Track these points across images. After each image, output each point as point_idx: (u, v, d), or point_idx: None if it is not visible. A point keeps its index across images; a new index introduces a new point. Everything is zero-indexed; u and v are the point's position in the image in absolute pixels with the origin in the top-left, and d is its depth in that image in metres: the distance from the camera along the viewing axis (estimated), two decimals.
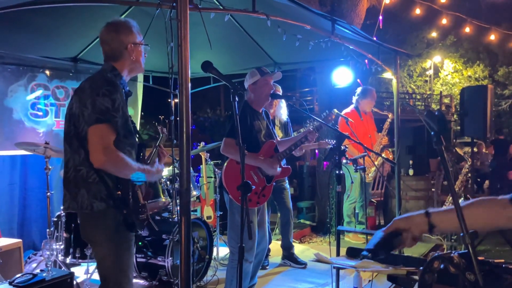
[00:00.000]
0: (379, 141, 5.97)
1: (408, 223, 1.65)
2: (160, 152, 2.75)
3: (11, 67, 5.05)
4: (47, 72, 5.38)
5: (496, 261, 1.42)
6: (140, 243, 4.21)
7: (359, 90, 6.06)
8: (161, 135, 3.19)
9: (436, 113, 1.49)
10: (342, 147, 3.50)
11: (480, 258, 1.37)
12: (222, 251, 5.17)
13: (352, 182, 5.94)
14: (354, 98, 6.08)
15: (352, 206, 6.10)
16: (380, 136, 6.00)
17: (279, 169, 3.65)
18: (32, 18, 4.14)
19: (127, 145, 2.39)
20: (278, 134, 4.95)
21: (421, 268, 1.47)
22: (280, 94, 4.90)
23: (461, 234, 1.32)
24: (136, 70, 2.60)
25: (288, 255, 5.09)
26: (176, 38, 2.50)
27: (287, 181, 5.08)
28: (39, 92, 5.30)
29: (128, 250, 2.41)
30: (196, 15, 2.77)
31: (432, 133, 1.43)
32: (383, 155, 5.72)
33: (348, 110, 6.02)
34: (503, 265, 1.38)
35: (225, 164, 3.58)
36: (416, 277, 1.58)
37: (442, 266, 1.40)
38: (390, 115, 6.02)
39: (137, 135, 2.64)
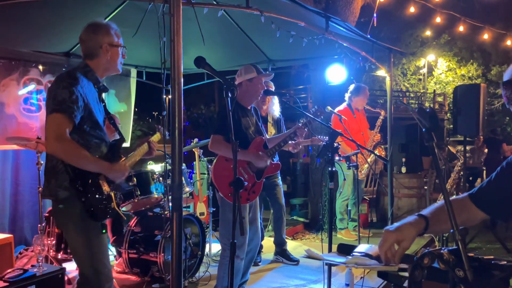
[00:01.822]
0: (372, 138, 5.99)
1: (401, 235, 1.66)
2: (152, 145, 2.85)
3: (3, 61, 5.01)
4: (40, 66, 5.34)
5: (486, 257, 1.43)
6: (131, 237, 4.20)
7: (351, 87, 6.07)
8: (156, 132, 3.19)
9: (428, 110, 1.50)
10: (335, 144, 3.50)
11: (470, 254, 1.38)
12: (214, 247, 5.17)
13: (344, 179, 5.96)
14: (347, 96, 6.09)
15: (345, 203, 6.12)
16: (373, 133, 6.02)
17: (268, 162, 3.66)
18: (25, 13, 4.11)
19: (94, 137, 2.50)
20: (271, 130, 4.95)
21: (411, 264, 1.48)
22: (273, 90, 4.91)
23: (451, 230, 1.32)
24: (111, 70, 2.69)
25: (281, 252, 5.09)
26: (169, 33, 2.49)
27: (279, 177, 5.08)
28: (31, 87, 5.26)
29: (97, 236, 2.49)
30: (189, 10, 2.76)
31: (424, 130, 1.43)
32: (376, 152, 5.74)
33: (341, 107, 6.03)
34: (493, 261, 1.39)
35: (214, 161, 3.58)
36: (407, 274, 1.59)
37: (432, 262, 1.41)
38: (382, 113, 6.04)
39: (117, 131, 2.79)
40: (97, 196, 2.45)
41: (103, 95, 2.73)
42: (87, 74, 2.54)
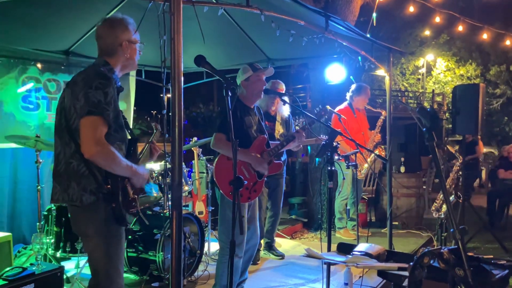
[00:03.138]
0: (372, 138, 5.99)
1: None
2: (153, 148, 2.78)
3: (2, 59, 5.00)
4: (39, 65, 5.33)
5: (485, 257, 1.43)
6: (130, 236, 4.20)
7: (353, 87, 6.08)
8: (154, 131, 3.18)
9: (429, 109, 1.50)
10: (334, 144, 3.50)
11: (469, 254, 1.38)
12: (213, 246, 5.17)
13: (344, 179, 5.97)
14: (348, 95, 6.09)
15: (344, 202, 6.13)
16: (373, 133, 6.02)
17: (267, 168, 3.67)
18: (24, 10, 4.10)
19: (117, 139, 2.40)
20: (279, 129, 5.00)
21: (411, 263, 1.48)
22: (284, 91, 4.96)
23: (451, 230, 1.33)
24: (129, 67, 2.61)
25: (267, 247, 5.25)
26: (169, 32, 2.48)
27: (284, 177, 5.17)
28: (30, 85, 5.25)
29: (118, 243, 2.42)
30: (189, 8, 2.76)
31: (424, 129, 1.44)
32: (376, 152, 5.75)
33: (341, 106, 6.04)
34: (492, 261, 1.40)
35: (216, 159, 3.58)
36: (406, 273, 1.60)
37: (432, 261, 1.41)
38: (383, 113, 6.03)
39: (129, 131, 2.65)
40: (125, 200, 2.39)
41: None
42: (109, 72, 2.42)
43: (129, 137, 2.62)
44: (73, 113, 2.30)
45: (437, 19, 9.60)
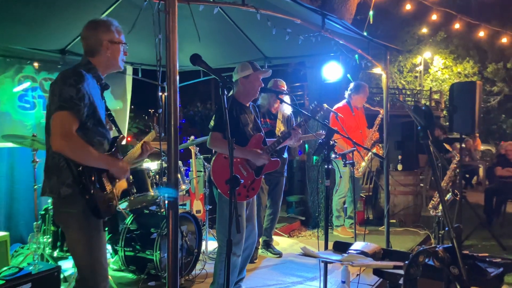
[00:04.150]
0: (370, 137, 5.99)
1: None
2: (144, 147, 2.84)
3: None
4: (35, 64, 5.32)
5: (480, 255, 1.43)
6: (127, 235, 4.20)
7: (352, 85, 6.09)
8: (151, 130, 3.18)
9: (423, 107, 1.50)
10: (331, 142, 3.50)
11: (464, 252, 1.38)
12: (211, 245, 5.17)
13: (340, 177, 5.98)
14: (347, 93, 6.10)
15: (342, 200, 6.13)
16: (371, 131, 6.02)
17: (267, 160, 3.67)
18: (19, 9, 4.08)
19: (97, 134, 2.49)
20: (280, 127, 5.00)
21: (406, 262, 1.48)
22: (285, 89, 4.98)
23: (446, 228, 1.33)
24: (112, 67, 2.70)
25: (265, 245, 5.24)
26: (164, 31, 2.48)
27: (284, 175, 5.20)
28: (26, 84, 5.24)
29: (97, 235, 2.48)
30: (185, 7, 2.75)
31: (419, 127, 1.44)
32: (374, 150, 5.75)
33: (340, 104, 6.05)
34: (487, 259, 1.40)
35: (213, 158, 3.58)
36: (402, 271, 1.60)
37: (427, 260, 1.41)
38: (382, 111, 6.03)
39: (117, 128, 2.76)
40: (101, 193, 2.45)
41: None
42: (90, 71, 2.54)
43: (116, 134, 2.70)
44: (49, 109, 2.41)
45: (434, 17, 9.63)
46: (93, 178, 2.42)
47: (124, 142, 2.76)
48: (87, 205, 2.38)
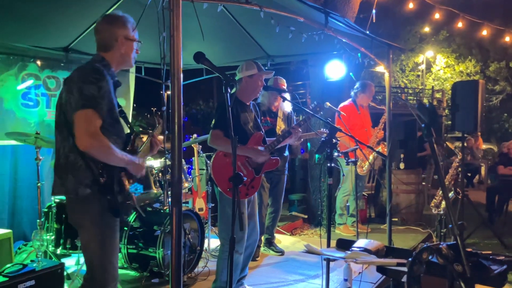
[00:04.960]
0: (375, 135, 6.00)
1: None
2: (153, 142, 2.80)
3: (1, 56, 5.00)
4: (38, 62, 5.33)
5: (483, 252, 1.44)
6: (130, 233, 4.21)
7: (358, 84, 6.11)
8: (157, 125, 3.19)
9: (427, 105, 1.50)
10: (334, 140, 3.51)
11: (468, 249, 1.38)
12: (213, 242, 5.18)
13: (343, 175, 5.98)
14: (353, 92, 6.11)
15: (346, 198, 6.15)
16: (376, 130, 6.03)
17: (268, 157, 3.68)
18: (23, 7, 4.09)
19: (113, 133, 2.45)
20: (280, 125, 5.02)
21: (409, 259, 1.49)
22: (285, 87, 4.99)
23: (450, 225, 1.33)
24: (125, 63, 2.66)
25: (267, 243, 5.26)
26: (168, 28, 2.49)
27: (286, 173, 5.19)
28: (30, 82, 5.25)
29: (112, 235, 2.46)
30: (189, 5, 2.76)
31: (423, 125, 1.44)
32: (378, 148, 5.76)
33: (346, 103, 6.07)
34: (491, 257, 1.40)
35: (213, 156, 3.59)
36: (405, 269, 1.60)
37: (430, 257, 1.42)
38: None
39: (129, 125, 2.72)
40: (121, 192, 2.43)
41: None
42: (105, 68, 2.48)
43: (129, 132, 2.66)
44: (69, 108, 2.35)
45: (437, 16, 9.60)
46: (115, 178, 2.39)
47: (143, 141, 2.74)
48: (109, 205, 2.35)
